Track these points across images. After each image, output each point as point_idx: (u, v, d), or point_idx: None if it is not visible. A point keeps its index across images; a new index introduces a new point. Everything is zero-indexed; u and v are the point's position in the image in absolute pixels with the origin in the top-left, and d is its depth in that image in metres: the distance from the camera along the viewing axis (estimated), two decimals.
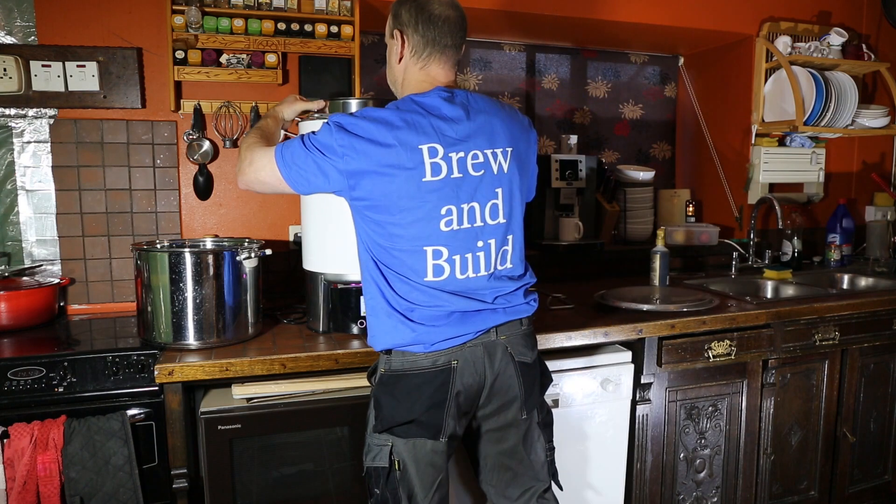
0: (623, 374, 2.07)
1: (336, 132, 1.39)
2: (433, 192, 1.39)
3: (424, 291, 1.42)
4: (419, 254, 1.41)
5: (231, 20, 2.13)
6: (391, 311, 1.43)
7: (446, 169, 1.39)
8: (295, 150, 1.42)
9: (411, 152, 1.37)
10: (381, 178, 1.37)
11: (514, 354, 1.50)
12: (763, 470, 2.33)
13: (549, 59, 3.17)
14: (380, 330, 1.45)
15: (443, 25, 1.45)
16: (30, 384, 1.62)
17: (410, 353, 1.43)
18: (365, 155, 1.37)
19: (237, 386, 1.71)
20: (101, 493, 1.60)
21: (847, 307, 2.34)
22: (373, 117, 1.40)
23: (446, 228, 1.41)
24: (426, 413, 1.42)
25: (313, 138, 1.42)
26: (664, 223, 3.09)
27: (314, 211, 1.89)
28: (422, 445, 1.44)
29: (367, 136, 1.37)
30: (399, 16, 1.47)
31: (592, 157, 2.84)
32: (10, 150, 2.12)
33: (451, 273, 1.43)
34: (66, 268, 2.19)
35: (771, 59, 2.90)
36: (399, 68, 1.52)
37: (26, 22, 2.09)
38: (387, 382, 1.45)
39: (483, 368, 1.46)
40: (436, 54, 1.47)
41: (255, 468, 1.73)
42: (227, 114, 2.28)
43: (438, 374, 1.42)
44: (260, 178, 1.47)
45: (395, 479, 1.43)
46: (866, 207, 3.32)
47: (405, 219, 1.39)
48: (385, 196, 1.38)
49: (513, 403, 1.52)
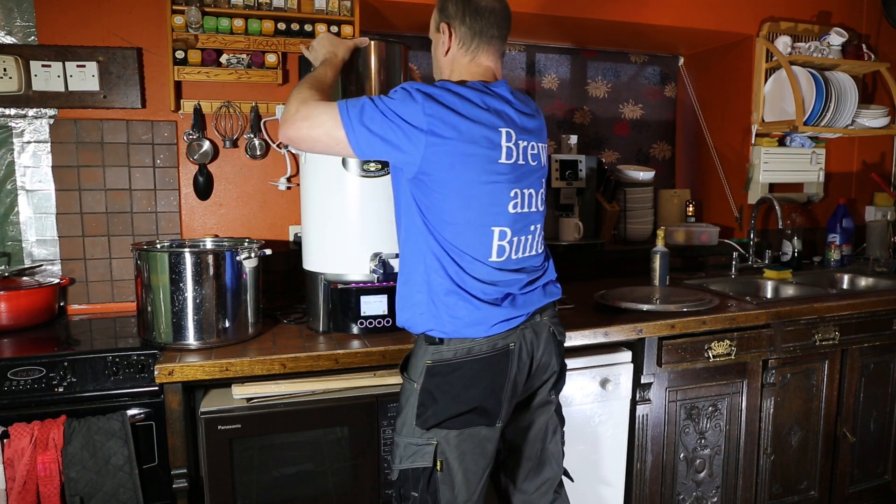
0: (623, 374, 2.07)
1: (422, 100, 1.33)
2: (504, 175, 1.41)
3: (489, 272, 1.41)
4: (487, 234, 1.41)
5: (231, 20, 2.13)
6: (455, 290, 1.39)
7: (515, 154, 1.43)
8: (368, 113, 1.34)
9: (492, 132, 1.38)
10: (460, 154, 1.35)
11: (556, 334, 1.55)
12: (763, 470, 2.33)
13: (549, 59, 3.17)
14: (433, 314, 1.40)
15: (489, 16, 1.47)
16: (30, 384, 1.62)
17: (468, 340, 1.39)
18: (451, 128, 1.33)
19: (237, 386, 1.71)
20: (101, 493, 1.60)
21: (847, 307, 2.34)
22: (455, 91, 1.37)
23: (513, 211, 1.44)
24: (486, 399, 1.39)
25: (390, 103, 1.34)
26: (664, 223, 3.09)
27: (314, 211, 1.89)
28: (476, 434, 1.40)
29: (454, 108, 1.34)
30: (446, 9, 1.48)
31: (592, 157, 2.84)
32: (10, 150, 2.12)
33: (509, 254, 1.45)
34: (66, 268, 2.19)
35: (771, 59, 2.90)
36: (446, 61, 1.51)
37: (26, 22, 2.09)
38: (439, 373, 1.39)
39: (532, 350, 1.48)
40: (483, 45, 1.48)
41: (255, 468, 1.72)
42: (227, 114, 2.28)
43: (497, 358, 1.41)
44: (314, 135, 1.37)
45: (437, 481, 1.39)
46: (866, 207, 3.32)
47: (477, 198, 1.39)
48: (460, 173, 1.36)
49: (547, 383, 1.55)
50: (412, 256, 1.44)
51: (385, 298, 1.87)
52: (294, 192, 2.38)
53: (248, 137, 2.30)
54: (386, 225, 1.84)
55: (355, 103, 1.36)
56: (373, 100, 1.36)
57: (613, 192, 3.03)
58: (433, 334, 1.42)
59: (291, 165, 2.36)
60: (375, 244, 1.84)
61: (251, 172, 2.35)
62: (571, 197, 2.78)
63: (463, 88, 1.38)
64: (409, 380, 1.46)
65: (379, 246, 1.84)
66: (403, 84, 1.37)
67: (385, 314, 1.88)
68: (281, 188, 2.36)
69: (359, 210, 1.83)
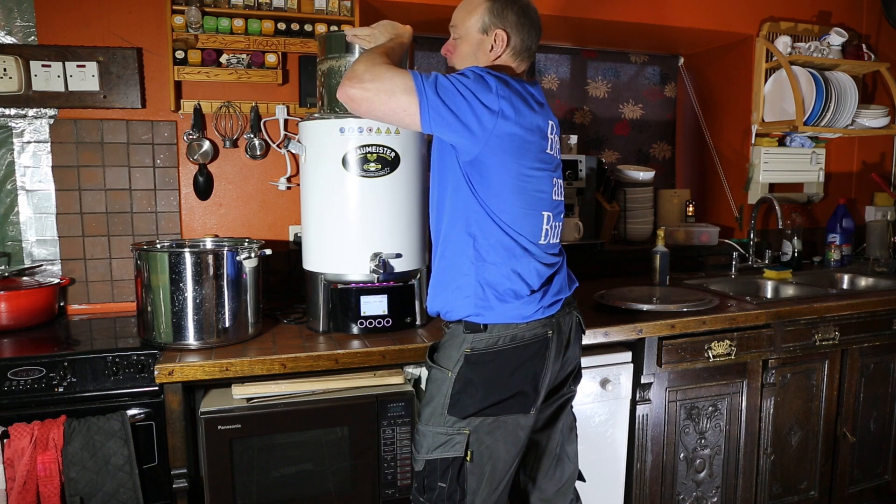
0: (623, 374, 2.07)
1: (494, 81, 1.33)
2: (550, 163, 1.49)
3: (539, 254, 1.46)
4: (538, 217, 1.46)
5: (231, 20, 2.13)
6: (508, 274, 1.41)
7: (554, 147, 1.52)
8: (445, 88, 1.31)
9: (543, 122, 1.46)
10: (521, 140, 1.38)
11: (582, 325, 1.59)
12: (763, 470, 2.33)
13: (549, 59, 3.17)
14: (480, 298, 1.41)
15: (538, 32, 1.53)
16: (30, 384, 1.62)
17: (513, 326, 1.40)
18: (519, 112, 1.36)
19: (237, 386, 1.71)
20: (101, 493, 1.60)
21: (847, 307, 2.34)
22: (516, 79, 1.43)
23: (555, 197, 1.52)
24: (526, 385, 1.40)
25: (466, 81, 1.32)
26: (664, 223, 3.09)
27: (314, 211, 1.89)
28: (513, 422, 1.41)
29: (521, 93, 1.39)
30: (504, 16, 1.46)
31: (592, 157, 2.84)
32: (10, 150, 2.12)
33: (549, 238, 1.50)
34: (66, 268, 2.19)
35: (771, 59, 2.90)
36: (484, 63, 1.48)
37: (26, 22, 2.09)
38: (480, 361, 1.39)
39: (565, 338, 1.51)
40: (528, 59, 1.54)
41: (255, 468, 1.72)
42: (227, 114, 2.28)
43: (538, 345, 1.43)
44: (382, 99, 1.30)
45: (466, 471, 1.38)
46: (866, 207, 3.33)
47: (531, 184, 1.43)
48: (519, 159, 1.39)
49: (571, 374, 1.58)
50: (457, 240, 1.43)
51: (385, 298, 1.87)
52: (294, 192, 2.38)
53: (248, 137, 2.30)
54: (386, 225, 1.84)
55: (429, 75, 1.33)
56: (446, 75, 1.34)
57: (613, 192, 3.03)
58: (476, 320, 1.41)
59: (291, 165, 2.36)
60: (375, 244, 1.84)
61: (251, 172, 2.35)
62: (571, 197, 2.78)
63: (519, 81, 1.43)
64: (440, 368, 1.43)
65: (379, 246, 1.84)
66: (471, 67, 1.38)
67: (385, 314, 1.88)
68: (281, 188, 2.36)
69: (359, 210, 1.83)
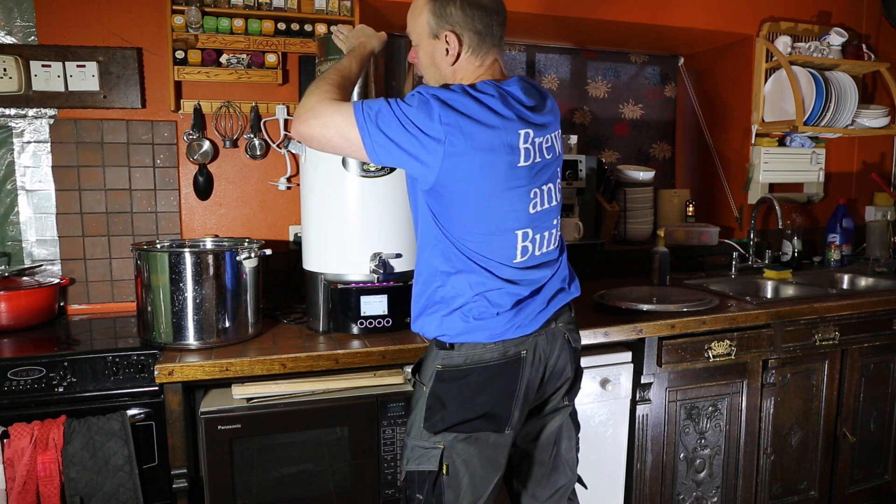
0: (623, 374, 2.07)
1: (438, 107, 1.26)
2: (524, 178, 1.37)
3: (512, 272, 1.39)
4: (510, 238, 1.38)
5: (231, 20, 2.13)
6: (471, 296, 1.36)
7: (533, 153, 1.38)
8: (386, 120, 1.27)
9: (511, 136, 1.33)
10: (479, 164, 1.29)
11: (571, 341, 1.51)
12: (763, 470, 2.33)
13: (549, 59, 3.17)
14: (446, 319, 1.38)
15: (495, 16, 1.40)
16: (30, 384, 1.62)
17: (479, 345, 1.37)
18: (469, 137, 1.27)
19: (237, 386, 1.72)
20: (101, 493, 1.60)
21: (847, 307, 2.34)
22: (473, 95, 1.30)
23: (533, 211, 1.41)
24: (496, 406, 1.37)
25: (407, 111, 1.27)
26: (664, 223, 3.09)
27: (314, 211, 1.89)
28: (485, 439, 1.39)
29: (472, 114, 1.28)
30: (447, 15, 1.37)
31: (592, 157, 2.84)
32: (10, 150, 2.12)
33: (532, 252, 1.42)
34: (66, 268, 2.19)
35: (771, 59, 2.90)
36: (452, 69, 1.42)
37: (26, 22, 2.09)
38: (449, 378, 1.38)
39: (546, 356, 1.45)
40: (494, 49, 1.42)
41: (255, 468, 1.72)
42: (227, 114, 2.28)
43: (509, 366, 1.39)
44: (327, 135, 1.29)
45: (442, 485, 1.37)
46: (866, 207, 3.32)
47: (498, 206, 1.35)
48: (480, 184, 1.31)
49: (561, 389, 1.52)
50: (428, 262, 1.41)
51: (385, 298, 1.87)
52: (294, 192, 2.38)
53: (248, 137, 2.30)
54: (386, 225, 1.84)
55: (371, 105, 1.29)
56: (389, 103, 1.29)
57: (613, 192, 3.03)
58: (444, 339, 1.40)
59: (291, 165, 2.36)
60: (375, 244, 1.84)
61: (251, 172, 2.35)
62: (571, 197, 2.78)
63: (479, 93, 1.32)
64: (419, 383, 1.44)
65: (379, 246, 1.84)
66: (419, 88, 1.31)
67: (385, 314, 1.88)
68: (281, 188, 2.36)
69: (359, 210, 1.83)
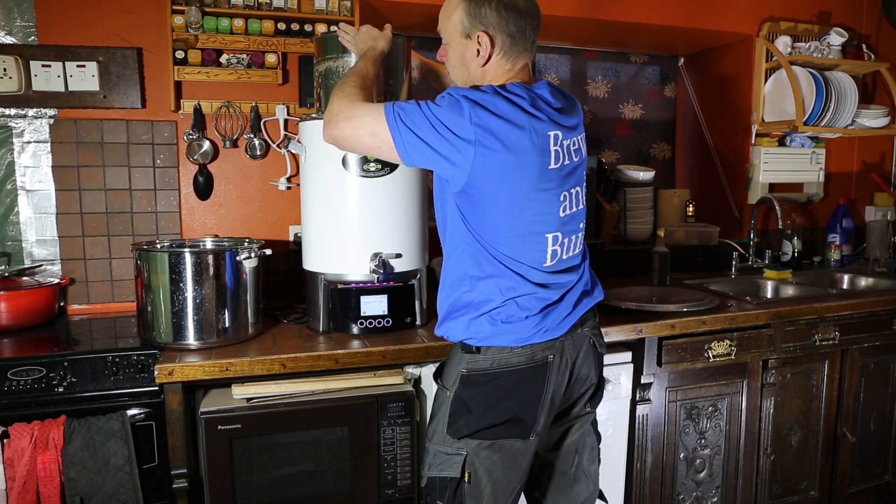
0: (623, 374, 2.07)
1: (469, 107, 1.25)
2: (554, 180, 1.36)
3: (542, 276, 1.38)
4: (541, 242, 1.36)
5: (231, 20, 2.13)
6: (501, 299, 1.35)
7: (562, 156, 1.37)
8: (416, 121, 1.26)
9: (541, 138, 1.31)
10: (510, 166, 1.28)
11: (597, 346, 1.50)
12: (763, 470, 2.33)
13: (549, 59, 3.17)
14: (473, 322, 1.36)
15: (530, 20, 1.39)
16: (30, 384, 1.62)
17: (506, 349, 1.35)
18: (501, 137, 1.26)
19: (237, 386, 1.72)
20: (101, 493, 1.60)
21: (847, 307, 2.34)
22: (504, 95, 1.29)
23: (563, 214, 1.39)
24: (521, 411, 1.35)
25: (439, 113, 1.26)
26: (664, 223, 3.09)
27: (314, 211, 1.89)
28: (509, 447, 1.37)
29: (504, 115, 1.26)
30: (482, 15, 1.35)
31: (592, 157, 2.84)
32: (10, 150, 2.12)
33: (560, 256, 1.41)
34: (66, 268, 2.19)
35: (771, 59, 2.90)
36: (482, 70, 1.40)
37: (26, 22, 2.09)
38: (475, 383, 1.36)
39: (572, 361, 1.44)
40: (525, 53, 1.41)
41: (255, 468, 1.72)
42: (227, 114, 2.28)
43: (536, 370, 1.37)
44: (359, 136, 1.30)
45: (464, 493, 1.35)
46: (866, 207, 3.32)
47: (529, 209, 1.33)
48: (511, 186, 1.29)
49: (584, 395, 1.50)
50: (456, 266, 1.39)
51: (385, 298, 1.87)
52: (294, 192, 2.38)
53: (248, 137, 2.30)
54: (386, 225, 1.84)
55: (402, 106, 1.29)
56: (420, 104, 1.29)
57: (613, 192, 3.03)
58: (471, 342, 1.38)
59: (291, 165, 2.36)
60: (375, 244, 1.84)
61: (251, 172, 2.35)
62: None
63: (510, 93, 1.31)
64: (442, 387, 1.42)
65: (379, 246, 1.84)
66: (450, 89, 1.30)
67: (385, 314, 1.88)
68: (281, 188, 2.36)
69: (359, 210, 1.83)
